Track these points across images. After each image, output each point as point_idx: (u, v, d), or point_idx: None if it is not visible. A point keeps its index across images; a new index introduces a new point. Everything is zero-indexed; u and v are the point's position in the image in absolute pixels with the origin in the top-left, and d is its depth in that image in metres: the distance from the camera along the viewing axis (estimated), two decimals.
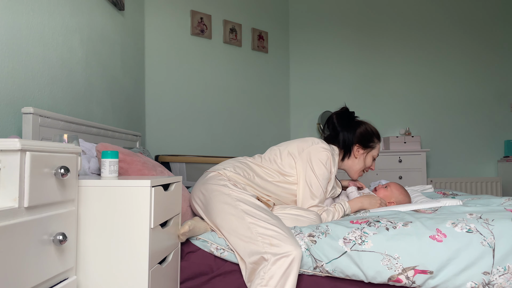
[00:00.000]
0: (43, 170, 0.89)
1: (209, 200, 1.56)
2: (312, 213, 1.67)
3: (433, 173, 4.30)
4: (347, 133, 1.83)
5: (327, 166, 1.70)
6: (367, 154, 1.86)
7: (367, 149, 1.86)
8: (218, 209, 1.51)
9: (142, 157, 1.73)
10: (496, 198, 1.72)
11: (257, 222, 1.42)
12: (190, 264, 1.51)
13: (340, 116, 1.86)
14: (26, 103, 1.66)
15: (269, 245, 1.36)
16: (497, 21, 4.30)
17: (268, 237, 1.37)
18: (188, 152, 3.61)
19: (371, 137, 1.86)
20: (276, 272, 1.31)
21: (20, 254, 0.81)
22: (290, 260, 1.32)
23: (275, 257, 1.33)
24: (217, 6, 3.85)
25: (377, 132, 1.89)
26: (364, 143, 1.84)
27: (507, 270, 1.30)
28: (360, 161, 1.85)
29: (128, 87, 2.91)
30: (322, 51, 4.52)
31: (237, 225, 1.44)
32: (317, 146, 1.72)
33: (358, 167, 1.87)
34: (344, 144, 1.83)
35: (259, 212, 1.46)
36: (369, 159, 1.87)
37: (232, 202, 1.50)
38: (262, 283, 1.31)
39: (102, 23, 2.44)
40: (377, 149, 1.88)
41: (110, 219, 1.12)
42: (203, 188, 1.62)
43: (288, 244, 1.35)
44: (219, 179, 1.61)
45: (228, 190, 1.55)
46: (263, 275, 1.32)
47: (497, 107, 4.27)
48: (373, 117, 4.39)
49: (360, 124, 1.87)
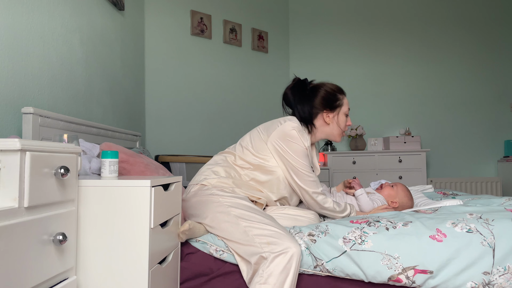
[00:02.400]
0: (43, 170, 0.89)
1: (201, 213, 1.54)
2: (310, 213, 1.66)
3: (433, 173, 4.30)
4: (303, 106, 1.72)
5: (299, 142, 1.62)
6: (337, 114, 1.76)
7: (335, 109, 1.75)
8: (212, 219, 1.50)
9: (145, 158, 1.73)
10: (496, 198, 1.72)
11: (252, 225, 1.41)
12: (189, 265, 1.51)
13: (293, 89, 1.76)
14: (26, 103, 1.66)
15: (267, 244, 1.36)
16: (497, 21, 4.30)
17: (264, 236, 1.37)
18: (188, 152, 3.61)
19: (334, 95, 1.75)
20: (275, 269, 1.30)
21: (20, 254, 0.81)
22: (289, 256, 1.32)
23: (273, 254, 1.33)
24: (217, 6, 3.85)
25: (338, 88, 1.77)
26: (330, 105, 1.74)
27: (507, 270, 1.30)
28: (334, 124, 1.76)
29: (128, 87, 2.91)
30: (322, 51, 4.52)
31: (233, 231, 1.44)
32: (284, 125, 1.65)
33: (336, 130, 1.77)
34: (302, 118, 1.72)
35: (253, 214, 1.45)
36: (342, 117, 1.77)
37: (225, 210, 1.48)
38: (261, 281, 1.31)
39: (102, 23, 2.44)
40: (346, 104, 1.77)
41: (110, 219, 1.12)
42: (190, 203, 1.60)
43: (285, 241, 1.35)
44: (204, 189, 1.57)
45: (218, 198, 1.52)
46: (261, 273, 1.32)
47: (497, 107, 4.27)
48: (373, 117, 4.39)
49: (318, 89, 1.76)
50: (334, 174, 3.99)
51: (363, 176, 3.94)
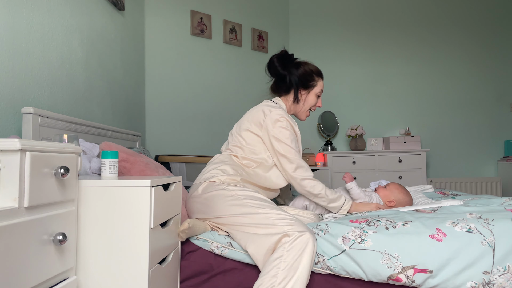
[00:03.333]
0: (43, 170, 0.89)
1: (212, 208, 1.54)
2: (311, 213, 1.68)
3: (433, 173, 4.30)
4: (289, 76, 1.81)
5: (289, 128, 1.70)
6: (307, 93, 1.84)
7: (308, 88, 1.84)
8: (226, 212, 1.50)
9: (145, 157, 1.73)
10: (496, 198, 1.72)
11: (272, 211, 1.44)
12: (190, 263, 1.52)
13: (280, 58, 1.83)
14: (26, 103, 1.66)
15: (289, 225, 1.38)
16: (497, 21, 4.30)
17: (285, 219, 1.41)
18: (188, 152, 3.61)
19: (311, 76, 1.83)
20: (297, 246, 1.33)
21: (20, 254, 0.81)
22: (308, 238, 1.34)
23: (297, 232, 1.35)
24: (217, 6, 3.86)
25: (317, 70, 1.85)
26: (304, 83, 1.83)
27: (507, 269, 1.30)
28: (302, 101, 1.84)
29: (128, 87, 2.91)
30: (322, 51, 4.52)
31: (252, 219, 1.45)
32: (271, 115, 1.69)
33: (302, 108, 1.86)
34: (288, 89, 1.82)
35: (269, 204, 1.49)
36: (311, 97, 1.85)
37: (240, 202, 1.49)
38: (283, 256, 1.32)
39: (102, 23, 2.44)
40: (320, 86, 1.86)
41: (110, 219, 1.12)
42: (200, 199, 1.59)
43: (303, 227, 1.38)
44: (216, 185, 1.58)
45: (230, 192, 1.53)
46: (284, 248, 1.33)
47: (497, 107, 4.27)
48: (373, 117, 4.39)
49: (299, 66, 1.84)
50: (334, 174, 3.99)
51: (363, 176, 3.95)
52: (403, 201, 1.88)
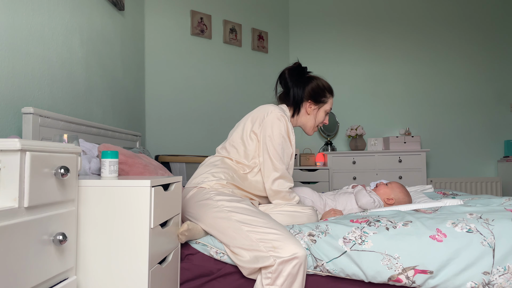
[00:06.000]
0: (43, 170, 0.89)
1: (201, 216, 1.53)
2: (308, 208, 1.66)
3: (433, 173, 4.30)
4: (297, 89, 1.80)
5: (283, 133, 1.68)
6: (319, 109, 1.84)
7: (319, 104, 1.83)
8: (212, 225, 1.49)
9: (144, 159, 1.73)
10: (496, 198, 1.72)
11: (255, 229, 1.40)
12: (189, 266, 1.51)
13: (291, 71, 1.82)
14: (26, 103, 1.66)
15: (272, 248, 1.35)
16: (497, 21, 4.30)
17: (269, 241, 1.37)
18: (188, 152, 3.61)
19: (323, 92, 1.83)
20: (282, 275, 1.32)
21: (20, 254, 0.81)
22: (295, 263, 1.32)
23: (280, 259, 1.32)
24: (217, 6, 3.85)
25: (329, 87, 1.85)
26: (315, 98, 1.82)
27: (507, 270, 1.30)
28: (312, 116, 1.84)
29: (128, 87, 2.91)
30: (322, 51, 4.52)
31: (235, 236, 1.42)
32: (271, 116, 1.68)
33: (311, 123, 1.85)
34: (294, 100, 1.81)
35: (255, 217, 1.44)
36: (321, 114, 1.85)
37: (225, 215, 1.46)
38: (268, 282, 1.32)
39: (102, 23, 2.44)
40: (330, 104, 1.86)
41: (110, 219, 1.12)
42: (191, 203, 1.59)
43: (290, 245, 1.34)
44: (203, 193, 1.56)
45: (217, 202, 1.50)
46: (269, 275, 1.33)
47: (497, 107, 4.27)
48: (373, 117, 4.39)
49: (312, 80, 1.84)
50: (334, 174, 3.99)
51: (363, 176, 3.94)
52: (402, 201, 1.89)
